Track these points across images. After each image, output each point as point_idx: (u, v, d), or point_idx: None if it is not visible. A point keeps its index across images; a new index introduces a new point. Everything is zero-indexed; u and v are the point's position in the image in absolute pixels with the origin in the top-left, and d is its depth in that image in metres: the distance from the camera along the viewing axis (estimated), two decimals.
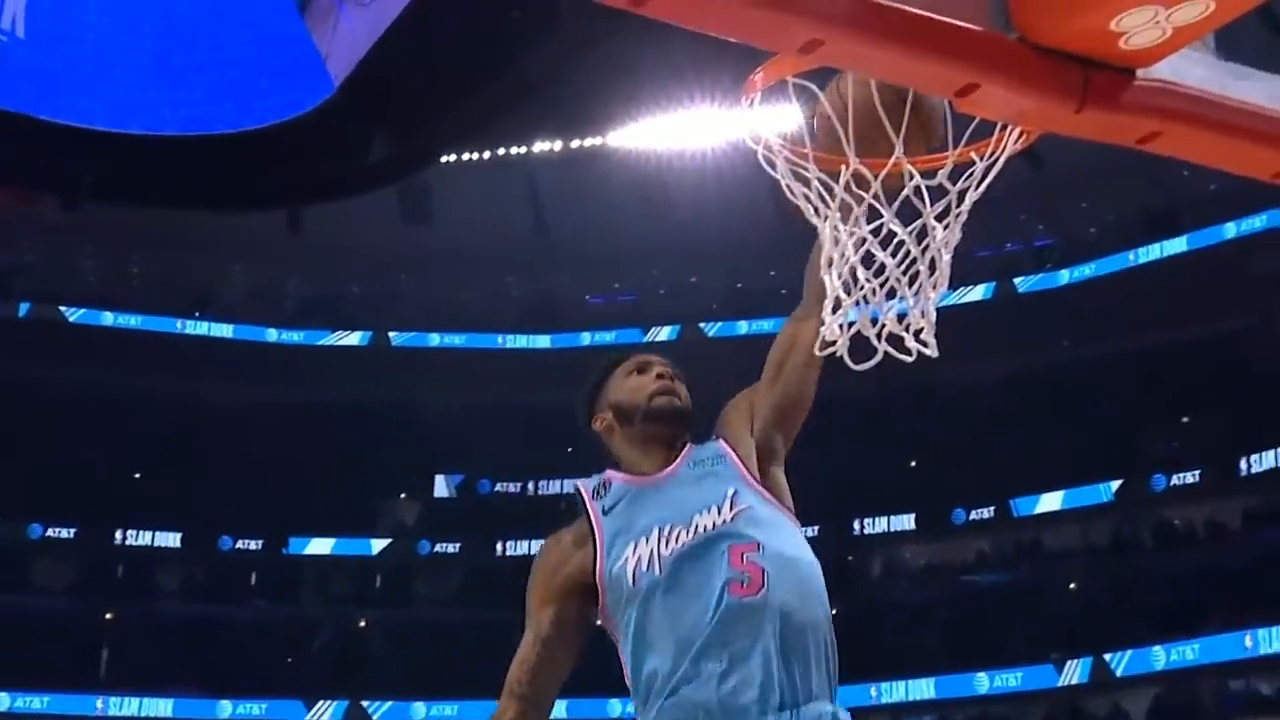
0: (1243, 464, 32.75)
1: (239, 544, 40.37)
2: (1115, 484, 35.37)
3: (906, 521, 39.02)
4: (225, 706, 37.33)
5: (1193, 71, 3.57)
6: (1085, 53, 3.39)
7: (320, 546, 41.16)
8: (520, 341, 45.28)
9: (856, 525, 39.48)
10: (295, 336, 44.19)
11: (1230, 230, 36.14)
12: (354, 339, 44.65)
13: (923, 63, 3.35)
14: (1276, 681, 29.96)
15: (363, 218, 34.90)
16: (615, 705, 36.88)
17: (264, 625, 39.53)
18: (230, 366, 41.94)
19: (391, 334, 44.82)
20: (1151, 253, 37.76)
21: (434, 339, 44.94)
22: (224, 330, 43.52)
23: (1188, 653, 30.62)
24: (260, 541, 40.50)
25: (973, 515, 38.06)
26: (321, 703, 37.60)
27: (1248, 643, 29.33)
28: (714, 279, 45.88)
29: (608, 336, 45.02)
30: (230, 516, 39.50)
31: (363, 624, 41.30)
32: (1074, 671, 32.51)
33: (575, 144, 36.90)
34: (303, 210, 34.30)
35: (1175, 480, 34.37)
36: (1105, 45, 3.36)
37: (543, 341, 45.24)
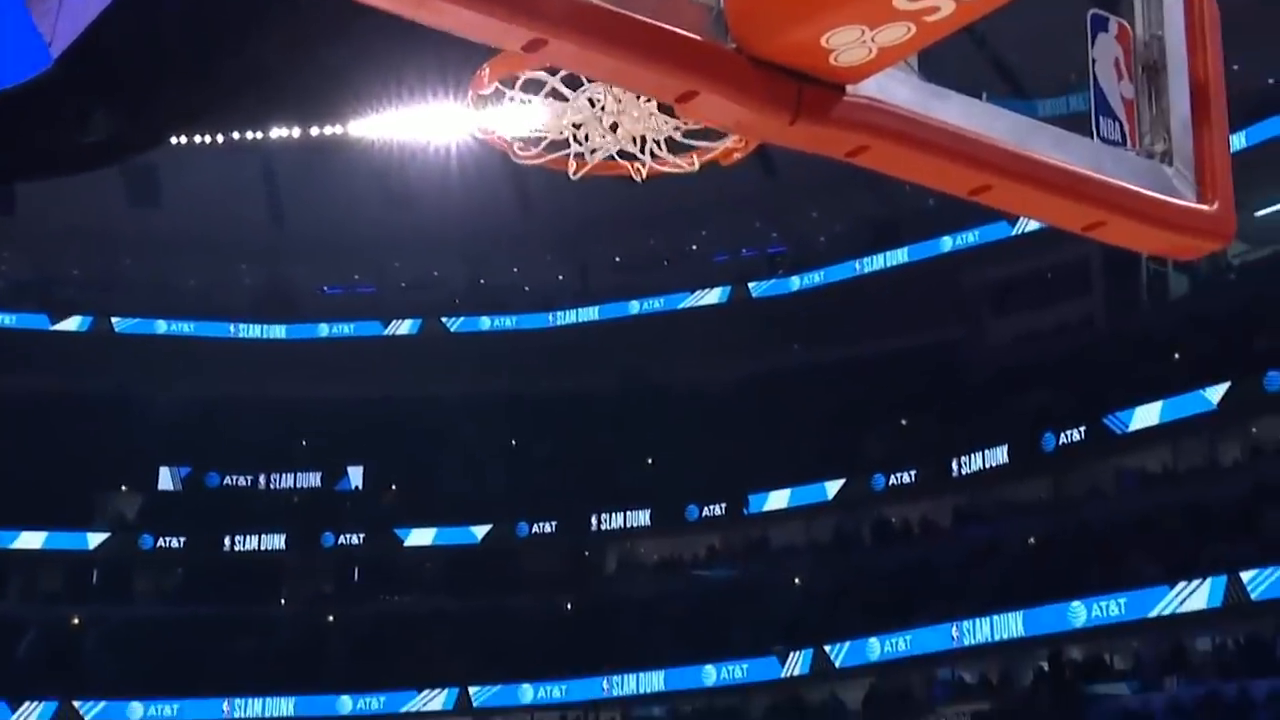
0: (954, 465, 34.60)
1: None
2: (838, 483, 36.85)
3: (642, 517, 39.73)
4: None
5: (898, 91, 3.77)
6: (798, 67, 3.54)
7: (30, 540, 39.05)
8: (254, 331, 43.96)
9: (594, 521, 39.98)
10: (7, 320, 41.84)
11: (947, 244, 38.15)
12: (73, 324, 42.53)
13: (644, 68, 3.43)
14: (979, 670, 31.74)
15: (84, 198, 33.27)
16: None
17: None
18: None
19: (114, 320, 42.87)
20: (876, 263, 39.50)
21: (160, 326, 43.19)
22: None
23: (900, 644, 32.10)
24: None
25: (705, 512, 39.03)
26: (28, 703, 35.72)
27: (954, 634, 30.93)
28: (456, 273, 45.63)
29: (346, 328, 44.19)
30: None
31: (76, 621, 39.39)
32: (796, 663, 33.68)
33: (315, 132, 36.01)
34: (15, 188, 32.40)
35: (893, 480, 36.02)
36: (816, 61, 3.51)
37: (278, 331, 44.04)
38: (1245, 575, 25.60)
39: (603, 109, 4.30)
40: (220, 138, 36.55)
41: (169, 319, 43.13)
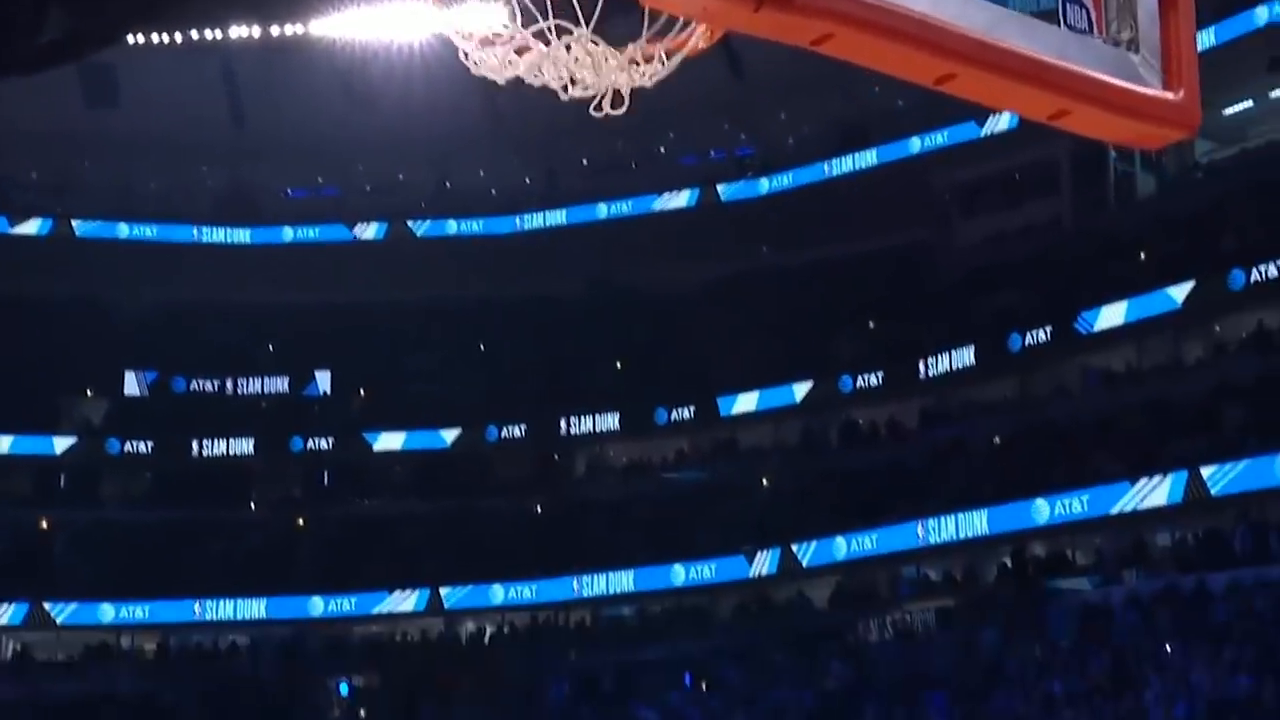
0: (921, 367, 34.81)
1: None
2: (806, 385, 37.04)
3: (611, 421, 39.89)
4: None
5: None
6: None
7: None
8: (217, 235, 43.52)
9: (563, 425, 40.12)
10: None
11: (915, 145, 37.96)
12: (32, 227, 41.97)
13: None
14: (944, 567, 32.25)
15: (40, 99, 32.56)
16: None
17: None
18: None
19: (75, 223, 42.34)
20: (845, 165, 39.31)
21: (122, 229, 42.70)
22: None
23: (867, 543, 32.53)
24: None
25: (674, 415, 39.21)
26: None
27: (920, 533, 31.36)
28: (422, 176, 45.20)
29: (311, 232, 43.80)
30: None
31: (44, 525, 39.44)
32: (764, 562, 34.11)
33: (275, 31, 35.34)
34: None
35: (860, 382, 36.23)
36: None
37: (242, 235, 43.62)
38: (1205, 471, 25.99)
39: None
40: (179, 37, 35.84)
41: (131, 222, 42.64)
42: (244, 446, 40.62)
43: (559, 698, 31.40)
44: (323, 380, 42.62)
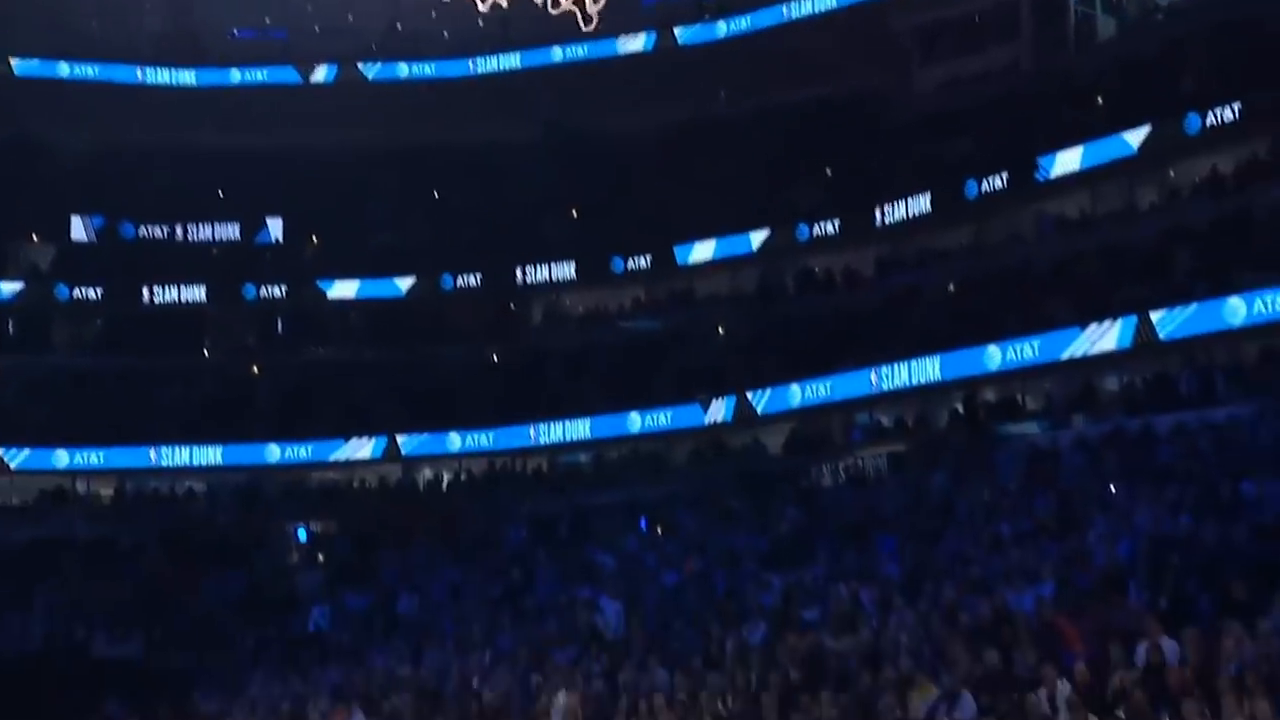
0: (878, 214, 34.65)
1: None
2: (763, 234, 36.88)
3: (567, 270, 39.66)
4: None
5: None
6: None
7: None
8: (161, 76, 42.41)
9: (519, 274, 39.87)
10: None
11: None
12: None
13: None
14: (896, 413, 32.56)
15: None
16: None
17: None
18: None
19: (13, 61, 41.11)
20: (804, 7, 38.53)
21: (63, 68, 41.52)
22: None
23: (821, 389, 32.73)
24: None
25: (630, 264, 39.02)
26: None
27: (874, 379, 31.55)
28: (372, 17, 44.11)
29: (259, 74, 42.78)
30: None
31: None
32: (719, 410, 34.30)
33: None
34: None
35: (817, 230, 36.08)
36: None
37: (187, 77, 42.54)
38: (1155, 315, 26.14)
39: None
40: None
41: (71, 61, 41.47)
42: (196, 293, 40.23)
43: (516, 542, 31.75)
44: (274, 227, 42.08)
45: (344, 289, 40.48)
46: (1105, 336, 27.06)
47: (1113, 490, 20.93)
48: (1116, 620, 14.07)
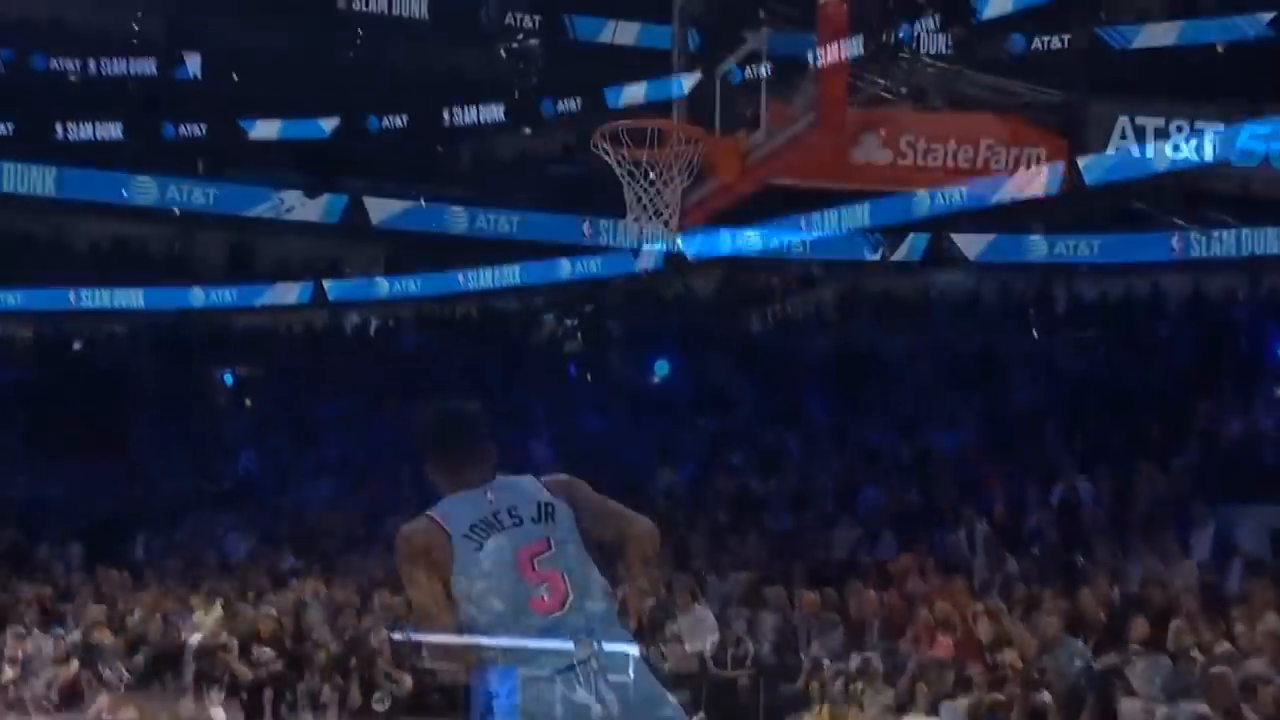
0: None
1: None
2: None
3: (496, 112, 38.57)
4: None
5: None
6: None
7: None
8: None
9: (446, 117, 38.87)
10: None
11: None
12: None
13: None
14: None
15: None
16: None
17: None
18: None
19: None
20: None
21: None
22: None
23: (753, 238, 32.46)
24: None
25: (560, 107, 38.19)
26: None
27: (803, 226, 31.33)
28: None
29: None
30: None
31: None
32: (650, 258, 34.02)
33: None
34: None
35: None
36: None
37: None
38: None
39: None
40: None
41: None
42: (112, 131, 38.90)
43: (442, 386, 31.71)
44: (193, 64, 40.65)
45: (266, 129, 39.32)
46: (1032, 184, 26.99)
47: (1034, 336, 21.29)
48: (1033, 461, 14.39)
